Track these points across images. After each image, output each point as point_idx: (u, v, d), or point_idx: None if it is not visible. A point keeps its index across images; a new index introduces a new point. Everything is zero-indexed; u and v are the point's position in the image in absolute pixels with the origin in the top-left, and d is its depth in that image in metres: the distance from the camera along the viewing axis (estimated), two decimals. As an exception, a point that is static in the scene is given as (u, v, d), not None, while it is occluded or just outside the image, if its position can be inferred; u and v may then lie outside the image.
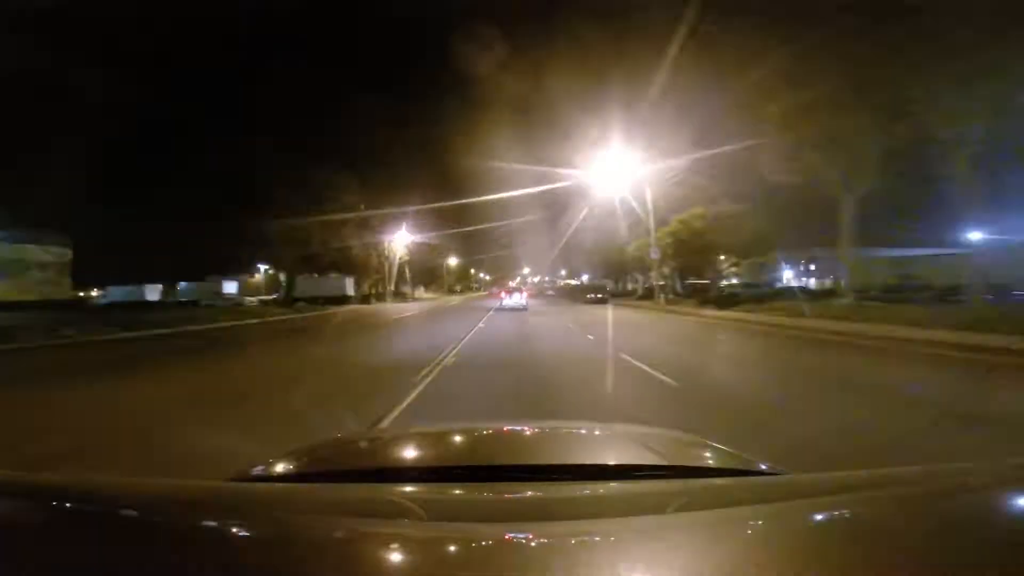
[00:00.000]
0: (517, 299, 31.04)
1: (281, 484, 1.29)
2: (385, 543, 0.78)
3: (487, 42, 26.94)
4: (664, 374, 7.21)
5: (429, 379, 7.39)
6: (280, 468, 1.42)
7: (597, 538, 0.78)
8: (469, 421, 3.27)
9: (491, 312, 24.70)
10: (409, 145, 58.81)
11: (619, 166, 25.76)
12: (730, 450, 1.60)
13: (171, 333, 17.25)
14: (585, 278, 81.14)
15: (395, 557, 0.74)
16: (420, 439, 1.77)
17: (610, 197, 30.18)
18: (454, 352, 10.35)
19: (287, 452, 1.57)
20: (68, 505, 0.94)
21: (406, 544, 0.77)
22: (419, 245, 50.20)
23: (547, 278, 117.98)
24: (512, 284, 60.84)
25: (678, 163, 22.95)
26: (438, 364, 8.69)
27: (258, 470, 1.38)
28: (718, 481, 1.27)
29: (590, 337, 13.30)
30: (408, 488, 1.18)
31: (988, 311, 11.85)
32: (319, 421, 5.00)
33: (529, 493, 1.14)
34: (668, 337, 13.69)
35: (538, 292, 78.08)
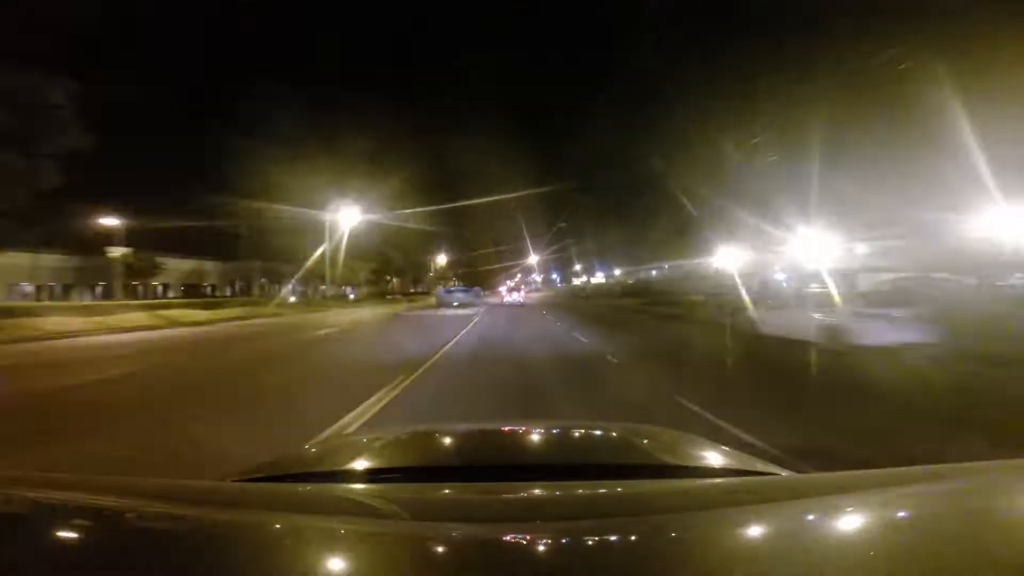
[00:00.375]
0: (516, 297, 38.73)
1: (277, 484, 1.29)
2: (380, 543, 0.78)
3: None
4: None
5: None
6: (277, 468, 1.43)
7: (595, 539, 0.78)
8: (468, 423, 3.24)
9: None
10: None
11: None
12: (731, 450, 1.59)
13: None
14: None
15: (391, 557, 0.74)
16: (418, 439, 1.77)
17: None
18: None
19: (285, 452, 1.58)
20: (67, 506, 0.94)
21: (402, 545, 0.77)
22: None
23: (553, 275, 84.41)
24: (511, 284, 64.93)
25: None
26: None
27: (255, 470, 1.39)
28: (719, 481, 1.27)
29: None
30: (406, 488, 1.18)
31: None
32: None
33: (527, 493, 1.13)
34: None
35: (556, 297, 53.95)
